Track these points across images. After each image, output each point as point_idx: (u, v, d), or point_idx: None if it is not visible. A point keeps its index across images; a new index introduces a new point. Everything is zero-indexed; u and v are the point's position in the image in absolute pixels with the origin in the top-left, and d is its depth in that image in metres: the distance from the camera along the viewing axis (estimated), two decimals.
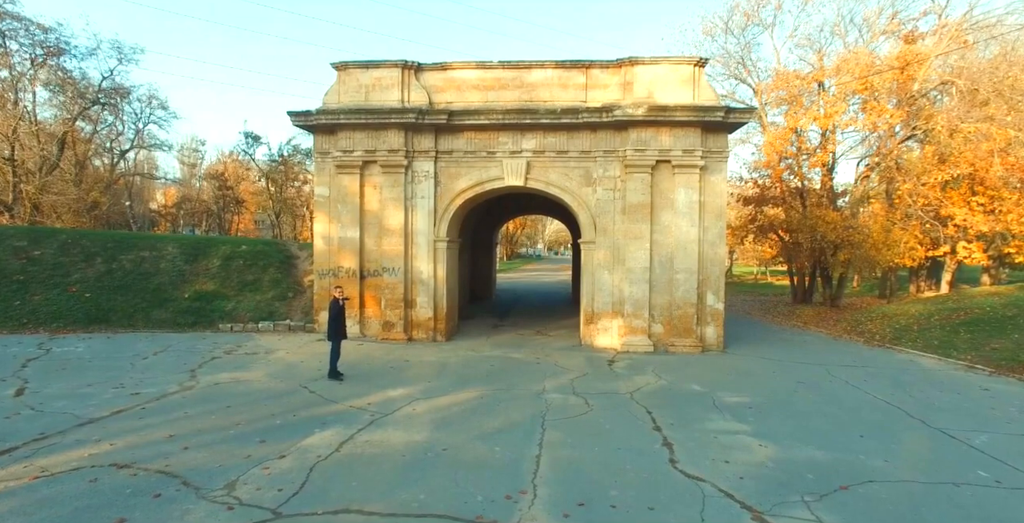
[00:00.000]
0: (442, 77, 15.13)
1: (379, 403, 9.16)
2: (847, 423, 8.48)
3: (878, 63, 19.83)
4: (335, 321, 10.74)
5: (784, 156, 21.37)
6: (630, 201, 14.48)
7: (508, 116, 14.35)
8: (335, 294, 11.06)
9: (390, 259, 15.03)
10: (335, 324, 10.74)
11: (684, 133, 14.27)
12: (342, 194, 15.14)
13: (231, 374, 10.71)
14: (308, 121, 14.86)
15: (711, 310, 14.68)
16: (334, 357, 10.69)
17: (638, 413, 9.02)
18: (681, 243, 14.45)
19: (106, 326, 14.60)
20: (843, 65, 19.19)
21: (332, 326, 10.75)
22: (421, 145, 14.95)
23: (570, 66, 14.84)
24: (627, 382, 11.14)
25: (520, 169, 14.86)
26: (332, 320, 10.75)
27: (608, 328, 14.79)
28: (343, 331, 10.89)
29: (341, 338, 10.82)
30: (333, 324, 10.74)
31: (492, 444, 7.37)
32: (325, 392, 9.68)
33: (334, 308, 10.79)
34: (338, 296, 10.99)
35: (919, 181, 19.45)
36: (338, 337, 10.75)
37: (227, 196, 48.48)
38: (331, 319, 10.77)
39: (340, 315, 10.85)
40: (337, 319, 10.78)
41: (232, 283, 16.93)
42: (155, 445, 6.84)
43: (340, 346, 10.83)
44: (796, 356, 13.90)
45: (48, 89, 31.23)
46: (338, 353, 10.76)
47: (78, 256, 16.28)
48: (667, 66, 14.41)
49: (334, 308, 10.79)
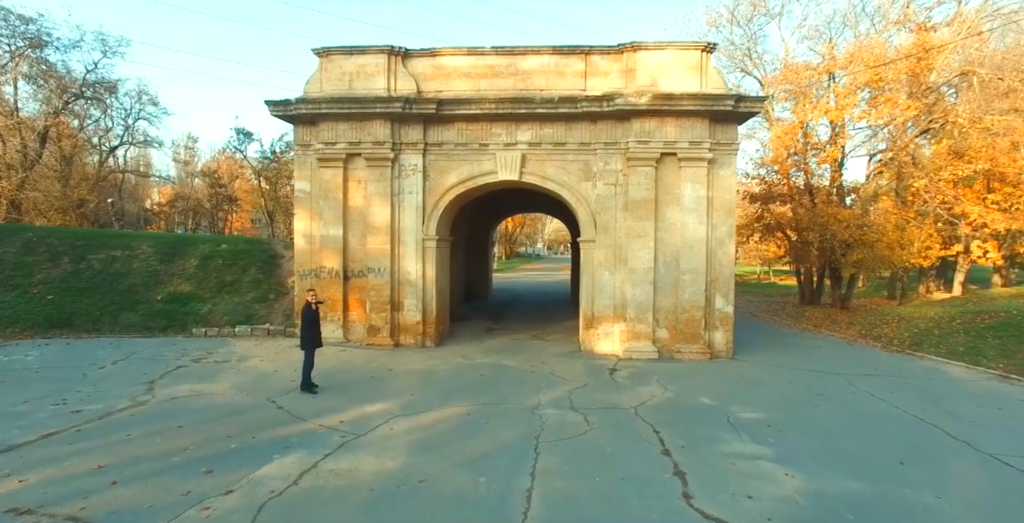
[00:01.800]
0: (431, 64, 14.11)
1: (353, 421, 8.16)
2: (881, 446, 7.49)
3: (892, 53, 18.85)
4: (308, 328, 9.72)
5: (793, 151, 20.35)
6: (633, 197, 13.47)
7: (502, 105, 13.34)
8: (308, 298, 10.02)
9: (375, 259, 14.01)
10: (308, 331, 9.72)
11: (691, 124, 13.26)
12: (324, 189, 14.12)
13: (193, 386, 9.70)
14: (288, 111, 13.84)
15: (720, 314, 13.68)
16: (307, 368, 9.68)
17: (644, 432, 8.03)
18: (688, 242, 13.45)
19: (68, 331, 13.57)
20: (857, 54, 18.16)
21: (305, 333, 9.72)
22: (409, 137, 13.94)
23: (568, 52, 13.82)
24: (631, 394, 10.15)
25: (515, 162, 13.85)
26: (305, 327, 9.73)
27: (609, 333, 13.79)
28: (318, 339, 9.87)
29: (316, 346, 9.80)
30: (306, 331, 9.72)
31: (477, 473, 6.38)
32: (294, 407, 8.67)
33: (307, 313, 9.77)
34: (311, 300, 9.96)
35: (934, 177, 18.47)
36: (312, 345, 9.73)
37: (220, 194, 47.52)
38: (304, 325, 9.75)
39: (314, 321, 9.83)
40: (311, 326, 9.76)
41: (209, 284, 15.91)
42: (77, 479, 5.83)
43: (314, 356, 9.82)
44: (811, 363, 12.91)
45: (29, 82, 30.21)
46: (312, 363, 9.74)
47: (43, 255, 15.25)
48: (672, 52, 13.41)
49: (307, 313, 9.77)
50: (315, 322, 9.86)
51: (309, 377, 9.69)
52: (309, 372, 9.69)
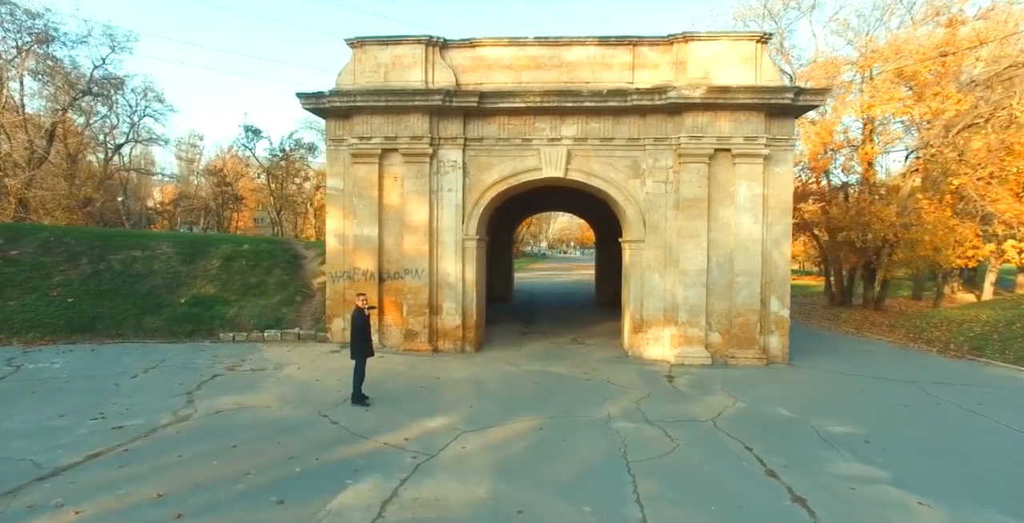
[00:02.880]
0: (470, 55, 13.43)
1: (418, 438, 7.49)
2: (1008, 470, 6.82)
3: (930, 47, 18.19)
4: (360, 334, 9.01)
5: (829, 148, 19.71)
6: (684, 195, 12.81)
7: (547, 98, 12.66)
8: (359, 303, 9.27)
9: (413, 260, 13.34)
10: (360, 338, 9.01)
11: (746, 118, 12.61)
12: (358, 187, 13.43)
13: (235, 398, 9.01)
14: (320, 104, 13.15)
15: (775, 317, 13.03)
16: (358, 379, 9.00)
17: (735, 449, 7.38)
18: (742, 242, 12.79)
19: (91, 336, 12.85)
20: (903, 46, 17.52)
21: (356, 341, 9.01)
22: (448, 131, 13.26)
23: (615, 43, 13.15)
24: (700, 405, 9.50)
25: (560, 159, 13.18)
26: (356, 333, 9.01)
27: (659, 337, 13.13)
28: (369, 348, 9.16)
29: (367, 356, 9.10)
30: (358, 338, 9.00)
31: (577, 501, 5.72)
32: (350, 423, 8.00)
33: (358, 319, 9.05)
34: (362, 305, 9.23)
35: (972, 174, 17.86)
36: (363, 355, 9.03)
37: (226, 193, 46.76)
38: (355, 332, 9.03)
39: (365, 327, 9.12)
40: (362, 332, 9.05)
41: (234, 286, 15.22)
42: (138, 511, 5.16)
43: (365, 365, 9.14)
44: (873, 370, 12.26)
45: (36, 79, 29.49)
46: (363, 374, 9.06)
47: (61, 256, 14.54)
48: (726, 43, 12.75)
49: (358, 319, 9.05)
50: (366, 328, 9.16)
51: (360, 389, 9.01)
52: (360, 384, 9.01)
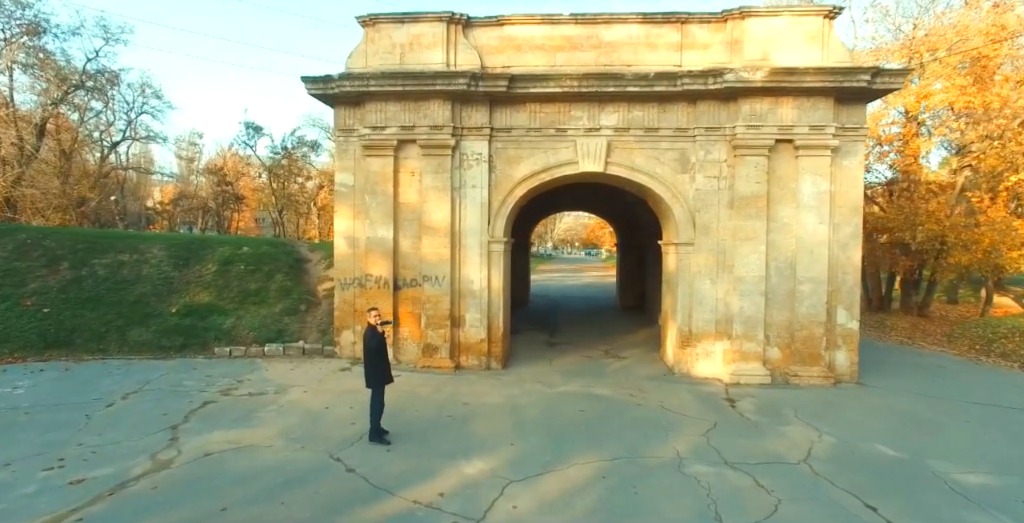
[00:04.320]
0: (497, 35, 11.93)
1: (455, 492, 5.99)
2: None
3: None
4: (375, 357, 7.44)
5: (880, 142, 18.18)
6: (740, 192, 11.30)
7: (586, 83, 11.15)
8: (371, 320, 7.57)
9: (432, 265, 11.83)
10: (375, 363, 7.44)
11: (812, 104, 11.09)
12: (371, 182, 11.93)
13: (229, 433, 7.50)
14: (328, 89, 11.65)
15: (843, 330, 11.53)
16: (376, 412, 7.48)
17: (853, 508, 5.88)
18: (806, 245, 11.28)
19: (68, 351, 11.32)
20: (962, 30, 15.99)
21: (372, 366, 7.45)
22: (472, 120, 11.76)
23: (661, 21, 11.64)
24: (780, 439, 8.00)
25: (599, 151, 11.66)
26: (371, 356, 7.44)
27: (710, 352, 11.61)
28: (388, 373, 7.60)
29: (385, 383, 7.57)
30: (373, 362, 7.44)
31: None
32: (370, 469, 6.49)
33: (372, 340, 7.43)
34: (374, 321, 7.55)
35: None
36: (380, 382, 7.49)
37: (226, 192, 45.31)
38: (368, 355, 7.46)
39: (381, 349, 7.51)
40: (378, 354, 7.46)
41: (231, 293, 13.72)
42: None
43: (383, 394, 7.60)
44: (961, 392, 10.73)
45: (26, 72, 28.02)
46: (381, 406, 7.53)
47: (39, 260, 13.03)
48: (788, 18, 11.23)
49: (372, 340, 7.43)
50: (382, 351, 7.54)
51: (379, 423, 7.50)
52: (379, 417, 7.50)
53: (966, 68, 16.86)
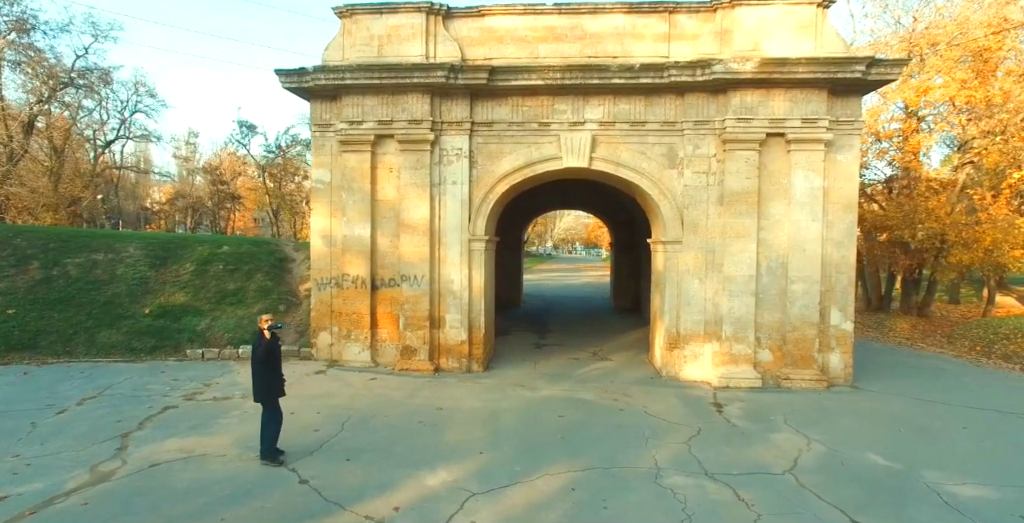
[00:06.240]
0: (478, 26, 11.53)
1: (413, 505, 5.59)
2: None
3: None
4: (263, 366, 6.49)
5: (879, 138, 17.72)
6: (730, 188, 10.88)
7: (569, 75, 10.74)
8: (261, 325, 6.65)
9: (411, 264, 11.44)
10: (264, 373, 6.49)
11: (804, 96, 10.66)
12: (348, 179, 11.55)
13: (182, 442, 7.10)
14: (302, 82, 11.27)
15: (836, 331, 11.09)
16: (269, 431, 6.60)
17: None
18: (798, 243, 10.85)
19: (31, 354, 10.94)
20: (963, 23, 15.52)
21: (259, 377, 6.51)
22: (452, 114, 11.36)
23: (647, 10, 11.21)
24: (767, 447, 7.58)
25: (583, 146, 11.25)
26: (257, 366, 6.51)
27: (698, 355, 11.19)
28: (279, 385, 6.68)
29: (278, 396, 6.67)
30: (260, 373, 6.50)
31: None
32: (325, 482, 6.09)
33: (260, 347, 6.54)
34: (264, 327, 6.62)
35: None
36: (273, 396, 6.60)
37: (222, 192, 45.02)
38: (255, 364, 6.53)
39: (272, 357, 6.57)
40: (266, 363, 6.50)
41: (208, 294, 13.34)
42: None
43: (279, 410, 6.72)
44: (961, 396, 10.27)
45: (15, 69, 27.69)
46: (278, 423, 6.66)
47: (7, 260, 12.64)
48: (780, 7, 10.78)
49: (260, 347, 6.54)
50: (272, 360, 6.57)
51: (274, 444, 6.64)
52: (273, 438, 6.63)
53: (967, 62, 16.41)
